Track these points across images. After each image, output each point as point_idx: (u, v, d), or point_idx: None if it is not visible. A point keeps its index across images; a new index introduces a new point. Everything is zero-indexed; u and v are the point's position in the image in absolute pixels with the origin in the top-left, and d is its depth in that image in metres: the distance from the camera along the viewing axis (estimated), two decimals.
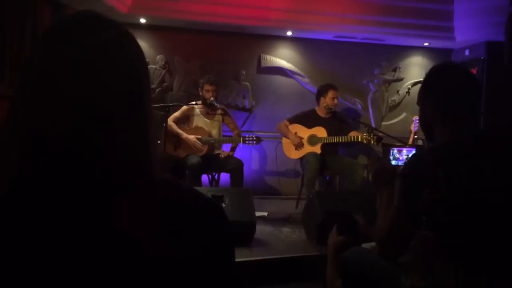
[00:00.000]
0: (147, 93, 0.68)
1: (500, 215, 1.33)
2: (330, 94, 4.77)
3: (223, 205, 3.34)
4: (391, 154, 1.96)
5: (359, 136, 4.52)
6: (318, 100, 4.88)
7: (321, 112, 4.85)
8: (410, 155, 1.54)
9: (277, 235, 3.76)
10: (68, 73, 0.60)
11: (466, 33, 5.36)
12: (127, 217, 0.61)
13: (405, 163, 1.47)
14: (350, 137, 4.59)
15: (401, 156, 1.98)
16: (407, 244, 1.44)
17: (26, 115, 0.61)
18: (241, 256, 3.03)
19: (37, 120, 0.60)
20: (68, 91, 0.60)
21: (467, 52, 5.77)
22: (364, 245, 2.02)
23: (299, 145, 4.75)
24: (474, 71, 5.59)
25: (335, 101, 4.79)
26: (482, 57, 5.48)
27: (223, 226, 0.72)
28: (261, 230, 3.80)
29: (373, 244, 2.11)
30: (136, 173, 0.64)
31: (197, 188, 3.84)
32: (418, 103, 1.61)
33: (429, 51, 6.03)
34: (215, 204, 0.74)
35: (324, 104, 4.79)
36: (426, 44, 5.85)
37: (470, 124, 1.46)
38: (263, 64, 5.70)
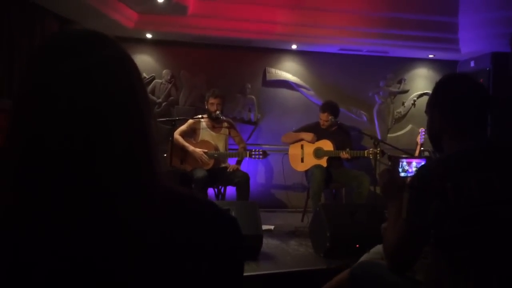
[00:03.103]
0: (144, 104, 0.68)
1: (509, 227, 1.32)
2: (321, 115, 4.81)
3: None
4: (400, 166, 1.94)
5: (365, 151, 4.52)
6: None
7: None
8: (419, 167, 1.53)
9: (284, 248, 3.73)
10: (63, 85, 0.61)
11: (471, 45, 5.36)
12: (129, 225, 0.61)
13: (413, 174, 1.46)
14: (356, 152, 4.58)
15: (410, 168, 1.96)
16: (417, 257, 1.42)
17: (23, 127, 0.62)
18: (248, 270, 3.01)
19: (34, 131, 0.61)
20: (64, 103, 0.61)
21: (472, 64, 5.77)
22: (372, 253, 2.01)
23: (314, 139, 4.74)
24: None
25: (326, 123, 4.78)
26: (487, 68, 5.47)
27: (236, 239, 0.72)
28: (268, 243, 3.78)
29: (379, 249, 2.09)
30: (137, 180, 0.64)
31: None
32: (426, 111, 1.60)
33: (434, 63, 6.03)
34: (230, 217, 0.74)
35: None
36: (431, 56, 5.86)
37: (478, 135, 1.45)
38: (268, 78, 5.72)
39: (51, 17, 4.21)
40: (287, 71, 5.77)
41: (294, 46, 5.59)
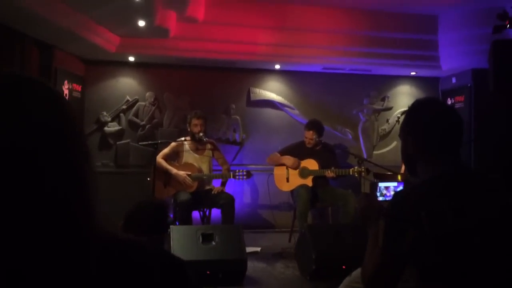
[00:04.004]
0: (80, 146, 0.64)
1: (483, 255, 1.30)
2: (306, 134, 4.80)
3: (213, 243, 3.28)
4: (378, 190, 1.92)
5: (350, 170, 4.51)
6: None
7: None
8: (394, 194, 1.51)
9: (269, 271, 3.68)
10: None
11: (452, 62, 5.44)
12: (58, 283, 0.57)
13: (389, 202, 1.45)
14: (341, 170, 4.57)
15: (388, 192, 1.95)
16: (394, 286, 1.39)
17: None
18: None
19: None
20: None
21: (454, 80, 5.84)
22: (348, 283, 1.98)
23: (296, 165, 4.71)
24: (461, 98, 5.64)
25: (311, 141, 4.77)
26: (468, 85, 5.54)
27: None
28: (254, 266, 3.73)
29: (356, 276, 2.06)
30: (70, 231, 0.59)
31: (187, 226, 3.79)
32: (400, 136, 1.60)
33: (416, 80, 6.09)
34: (177, 266, 0.69)
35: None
36: (413, 73, 5.92)
37: (451, 160, 1.44)
38: (252, 98, 5.72)
39: (30, 42, 4.18)
40: (271, 90, 5.78)
41: (277, 66, 5.62)
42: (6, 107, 0.59)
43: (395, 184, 2.27)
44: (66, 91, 4.78)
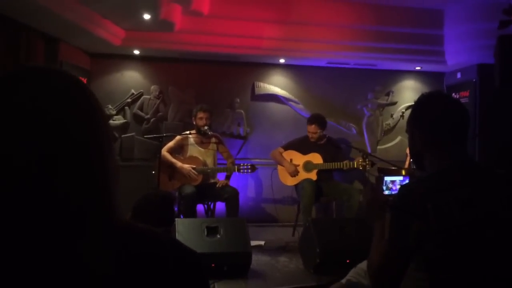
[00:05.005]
0: (105, 139, 0.66)
1: (490, 247, 1.31)
2: (308, 128, 4.80)
3: (218, 236, 3.30)
4: (384, 184, 1.93)
5: (355, 162, 4.51)
6: None
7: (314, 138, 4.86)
8: (400, 186, 1.52)
9: (273, 265, 3.70)
10: (20, 121, 0.59)
11: (457, 57, 5.41)
12: (82, 266, 0.59)
13: (395, 194, 1.46)
14: (346, 163, 4.58)
15: (394, 186, 1.96)
16: (400, 278, 1.40)
17: None
18: None
19: None
20: (19, 140, 0.58)
21: (459, 75, 5.82)
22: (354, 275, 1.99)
23: (294, 173, 4.72)
24: (466, 93, 5.62)
25: (314, 135, 4.78)
26: (474, 80, 5.52)
27: (197, 281, 0.69)
28: (258, 260, 3.75)
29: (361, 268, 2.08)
30: (93, 220, 0.61)
31: (192, 219, 3.81)
32: (407, 131, 1.61)
33: (421, 75, 6.08)
34: (192, 257, 0.71)
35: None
36: (418, 68, 5.91)
37: (458, 153, 1.45)
38: (257, 92, 5.73)
39: (36, 35, 4.19)
40: (276, 85, 5.78)
41: (282, 60, 5.61)
42: (38, 100, 0.61)
43: (401, 178, 2.28)
44: None
